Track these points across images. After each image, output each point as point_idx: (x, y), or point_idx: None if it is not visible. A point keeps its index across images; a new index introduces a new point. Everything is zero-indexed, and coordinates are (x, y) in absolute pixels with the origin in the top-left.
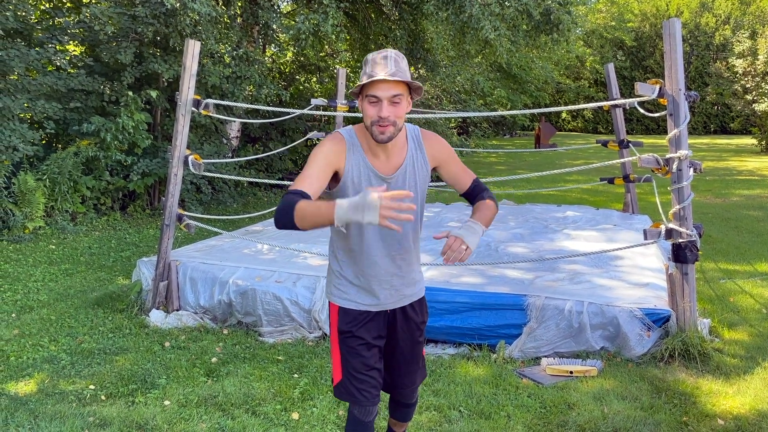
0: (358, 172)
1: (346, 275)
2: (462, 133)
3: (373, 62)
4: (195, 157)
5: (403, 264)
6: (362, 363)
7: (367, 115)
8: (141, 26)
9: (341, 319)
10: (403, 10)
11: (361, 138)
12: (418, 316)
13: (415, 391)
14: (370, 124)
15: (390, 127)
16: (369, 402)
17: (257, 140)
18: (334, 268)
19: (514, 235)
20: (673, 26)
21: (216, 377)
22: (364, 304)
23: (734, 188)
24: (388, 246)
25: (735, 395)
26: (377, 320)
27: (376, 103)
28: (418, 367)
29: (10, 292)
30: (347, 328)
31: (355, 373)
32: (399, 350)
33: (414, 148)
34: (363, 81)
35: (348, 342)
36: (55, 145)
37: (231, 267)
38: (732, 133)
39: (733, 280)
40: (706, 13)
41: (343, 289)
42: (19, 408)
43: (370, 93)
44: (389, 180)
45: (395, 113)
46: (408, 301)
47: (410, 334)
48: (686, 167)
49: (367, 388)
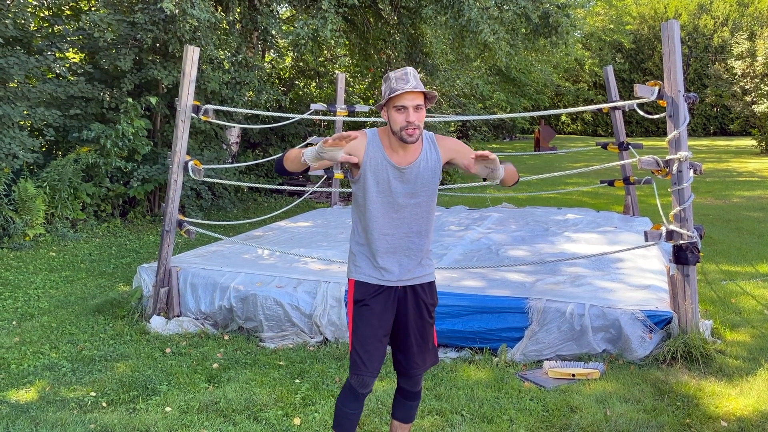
0: (376, 163)
1: (362, 252)
2: (462, 137)
3: (397, 78)
4: (195, 162)
5: (412, 246)
6: (370, 333)
7: (395, 122)
8: (140, 33)
9: (357, 290)
10: (402, 14)
11: (382, 137)
12: (428, 298)
13: (421, 376)
14: (399, 129)
15: (416, 130)
16: (368, 372)
17: (257, 146)
18: (353, 249)
19: (515, 238)
20: (672, 28)
21: (217, 383)
22: (376, 278)
23: (735, 189)
24: (398, 226)
25: (738, 397)
26: (388, 294)
27: (403, 112)
28: (428, 348)
29: (11, 300)
30: (361, 297)
31: (363, 341)
32: (411, 328)
33: (428, 147)
34: (389, 95)
35: (361, 311)
36: (55, 152)
37: (231, 272)
38: (732, 134)
39: (734, 281)
40: (705, 15)
41: (359, 264)
42: (20, 416)
43: (398, 104)
44: (404, 170)
45: (419, 118)
46: (418, 281)
47: (420, 312)
48: (686, 169)
49: (369, 358)
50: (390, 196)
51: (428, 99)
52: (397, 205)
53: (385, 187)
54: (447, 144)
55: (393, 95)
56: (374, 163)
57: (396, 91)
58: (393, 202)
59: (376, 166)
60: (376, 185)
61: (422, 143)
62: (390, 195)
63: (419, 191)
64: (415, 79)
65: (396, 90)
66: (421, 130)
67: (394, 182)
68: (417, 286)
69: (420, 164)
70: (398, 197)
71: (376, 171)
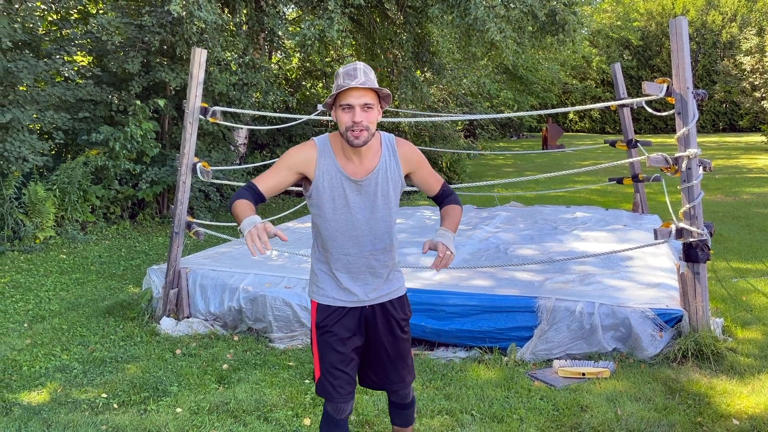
0: (329, 176)
1: (323, 270)
2: (469, 136)
3: (344, 74)
4: (203, 164)
5: (377, 263)
6: (337, 359)
7: (341, 122)
8: (148, 35)
9: (319, 314)
10: (408, 14)
11: (334, 144)
12: (399, 313)
13: (407, 389)
14: (345, 130)
15: (364, 132)
16: (341, 398)
17: (265, 146)
18: (314, 267)
19: (524, 237)
20: (680, 25)
21: (227, 384)
22: (339, 300)
23: (745, 186)
24: (359, 245)
25: (750, 395)
26: (352, 316)
27: (350, 111)
28: (405, 364)
29: (22, 302)
30: (323, 323)
31: (331, 368)
32: (382, 347)
33: (388, 154)
34: (335, 91)
35: (324, 338)
36: (65, 155)
37: (240, 273)
38: (741, 130)
39: (745, 278)
40: (713, 11)
41: (321, 285)
42: (33, 417)
43: (344, 102)
44: (360, 183)
45: (367, 119)
46: (386, 298)
47: (390, 329)
48: (696, 166)
49: (341, 384)
50: (348, 213)
51: (382, 98)
52: (357, 222)
53: (342, 203)
54: (407, 154)
55: (338, 92)
56: (327, 177)
57: (341, 88)
58: (352, 219)
59: (330, 179)
60: (332, 201)
61: (381, 149)
62: (348, 212)
63: (380, 205)
64: (365, 75)
65: (341, 86)
66: (371, 133)
67: (352, 196)
68: (386, 302)
69: (378, 174)
70: (357, 213)
71: (331, 186)
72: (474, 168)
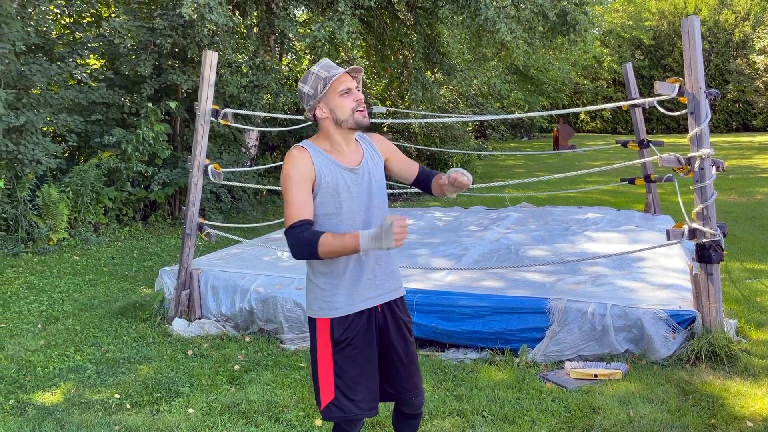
0: (329, 170)
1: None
2: (480, 137)
3: (322, 69)
4: (215, 166)
5: (382, 252)
6: (360, 373)
7: (344, 107)
8: (159, 38)
9: (335, 330)
10: (419, 15)
11: (321, 143)
12: (405, 315)
13: (421, 397)
14: (351, 113)
15: (366, 108)
16: (364, 414)
17: (275, 148)
18: (320, 284)
19: (535, 237)
20: (692, 24)
21: (239, 385)
22: (355, 305)
23: (758, 186)
24: None
25: (764, 396)
26: (369, 322)
27: (350, 94)
28: (416, 368)
29: (36, 303)
30: (342, 338)
31: (353, 384)
32: (395, 352)
33: (365, 145)
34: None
35: (344, 352)
36: (78, 158)
37: (252, 275)
38: (755, 130)
39: (759, 279)
40: (725, 10)
41: (330, 300)
42: (47, 418)
43: (342, 88)
44: (356, 170)
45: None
46: (393, 295)
47: (401, 333)
48: (708, 166)
49: (364, 398)
50: (351, 203)
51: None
52: (361, 211)
53: (347, 196)
54: (379, 141)
55: (334, 79)
56: (327, 172)
57: (334, 76)
58: (357, 209)
59: (330, 173)
60: (337, 195)
61: (359, 141)
62: (351, 202)
63: (376, 191)
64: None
65: (332, 77)
66: None
67: (354, 187)
68: (393, 304)
69: (368, 161)
70: (359, 202)
71: (333, 179)
72: (485, 169)
